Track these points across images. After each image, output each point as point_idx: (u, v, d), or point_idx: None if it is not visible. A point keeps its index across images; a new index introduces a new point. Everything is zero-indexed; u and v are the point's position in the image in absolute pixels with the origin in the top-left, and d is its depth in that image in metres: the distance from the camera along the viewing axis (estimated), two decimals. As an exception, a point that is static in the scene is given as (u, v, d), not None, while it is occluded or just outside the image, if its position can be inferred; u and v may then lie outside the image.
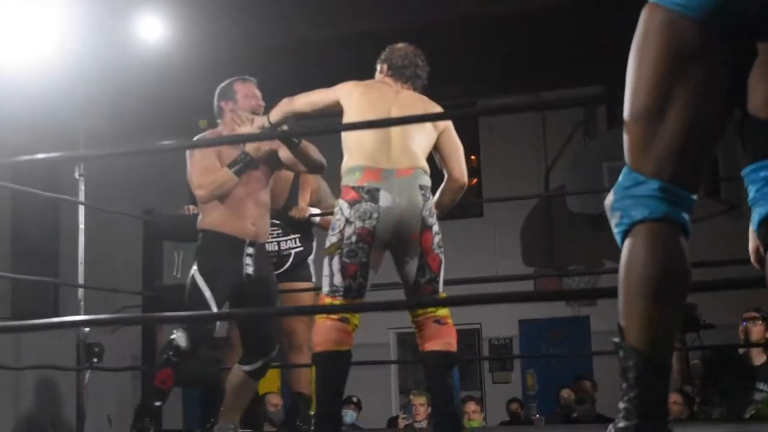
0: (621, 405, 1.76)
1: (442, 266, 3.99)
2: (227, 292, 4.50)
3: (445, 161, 4.17)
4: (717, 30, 1.71)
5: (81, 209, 6.22)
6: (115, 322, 5.38)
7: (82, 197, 6.21)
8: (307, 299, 5.60)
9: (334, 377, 3.87)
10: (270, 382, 6.37)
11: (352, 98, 4.06)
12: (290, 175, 5.53)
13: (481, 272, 9.44)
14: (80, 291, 6.15)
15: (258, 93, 4.73)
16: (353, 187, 3.89)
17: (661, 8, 1.75)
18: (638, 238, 1.75)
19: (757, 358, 6.32)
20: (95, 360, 7.00)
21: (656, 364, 1.73)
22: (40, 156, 2.88)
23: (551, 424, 8.87)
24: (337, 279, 3.86)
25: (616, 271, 1.80)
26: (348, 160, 3.99)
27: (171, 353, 4.40)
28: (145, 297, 6.34)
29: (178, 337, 4.39)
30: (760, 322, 6.30)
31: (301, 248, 5.68)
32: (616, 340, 1.77)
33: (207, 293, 4.39)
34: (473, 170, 12.01)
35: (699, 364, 7.09)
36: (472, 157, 11.99)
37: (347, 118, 4.02)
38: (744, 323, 6.37)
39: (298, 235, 5.67)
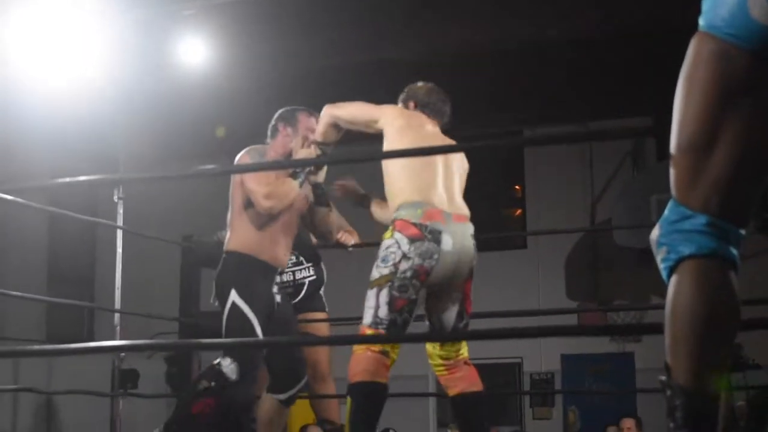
0: (669, 446, 1.71)
1: None
2: (264, 319, 4.28)
3: None
4: (769, 61, 1.65)
5: (119, 233, 6.17)
6: (151, 347, 5.36)
7: (120, 221, 6.17)
8: (323, 329, 5.53)
9: (371, 409, 3.79)
10: (308, 414, 6.27)
11: (394, 128, 4.00)
12: None
13: (524, 305, 9.29)
14: (116, 316, 6.11)
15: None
16: (415, 224, 3.82)
17: (712, 37, 1.68)
18: (685, 274, 1.69)
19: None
20: (130, 386, 6.96)
21: (705, 403, 1.68)
22: (79, 179, 2.80)
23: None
24: (383, 311, 3.78)
25: (662, 306, 1.74)
26: (401, 194, 3.90)
27: (217, 382, 4.16)
28: (181, 323, 6.28)
29: (228, 367, 4.17)
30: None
31: (315, 277, 5.61)
32: (663, 378, 1.71)
33: (254, 320, 4.19)
34: (517, 201, 11.89)
35: (744, 405, 6.95)
36: (516, 186, 11.85)
37: (391, 147, 3.97)
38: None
39: (311, 264, 5.57)
